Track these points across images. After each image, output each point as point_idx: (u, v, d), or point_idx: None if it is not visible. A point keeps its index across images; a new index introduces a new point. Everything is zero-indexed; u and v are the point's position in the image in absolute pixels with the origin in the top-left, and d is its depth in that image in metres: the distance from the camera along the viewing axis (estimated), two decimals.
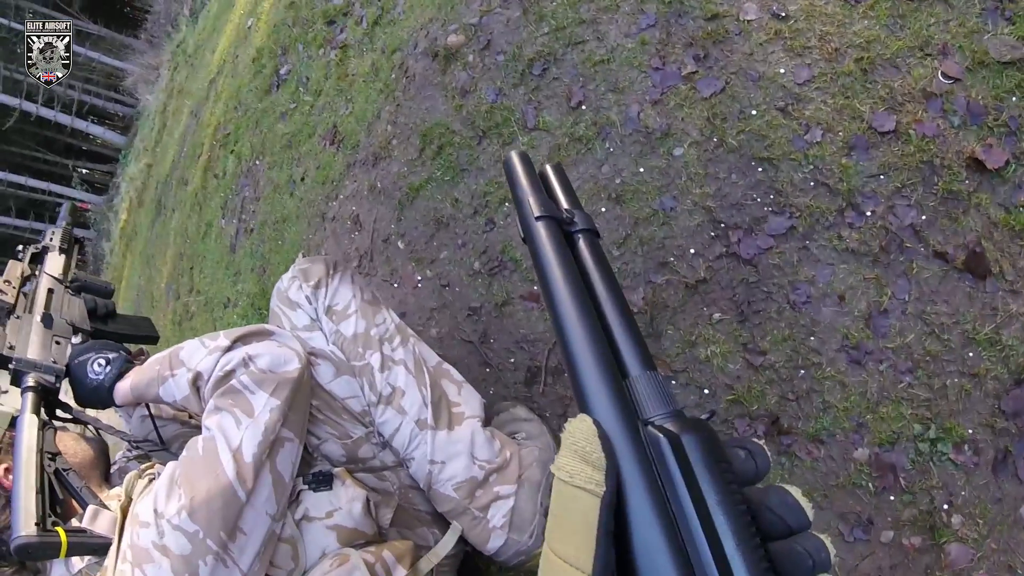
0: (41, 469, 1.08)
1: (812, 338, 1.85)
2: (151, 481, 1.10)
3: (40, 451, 1.10)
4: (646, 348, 0.53)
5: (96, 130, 17.54)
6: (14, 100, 16.14)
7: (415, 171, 2.55)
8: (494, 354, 2.15)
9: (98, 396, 1.26)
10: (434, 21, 2.95)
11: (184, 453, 1.06)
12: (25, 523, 0.95)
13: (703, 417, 0.46)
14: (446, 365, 1.52)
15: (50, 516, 1.01)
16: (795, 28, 2.08)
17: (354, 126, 3.13)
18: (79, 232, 18.15)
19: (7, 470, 1.13)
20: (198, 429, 1.17)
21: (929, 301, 1.79)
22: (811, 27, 2.07)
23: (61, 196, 17.68)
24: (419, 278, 2.37)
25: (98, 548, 1.01)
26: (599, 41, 2.37)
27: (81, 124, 17.06)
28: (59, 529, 0.97)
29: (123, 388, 1.22)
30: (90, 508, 1.09)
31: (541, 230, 0.63)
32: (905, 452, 1.74)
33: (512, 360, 2.12)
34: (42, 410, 1.22)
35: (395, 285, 2.43)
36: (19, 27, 16.28)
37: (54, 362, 1.29)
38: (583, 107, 2.30)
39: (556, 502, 0.41)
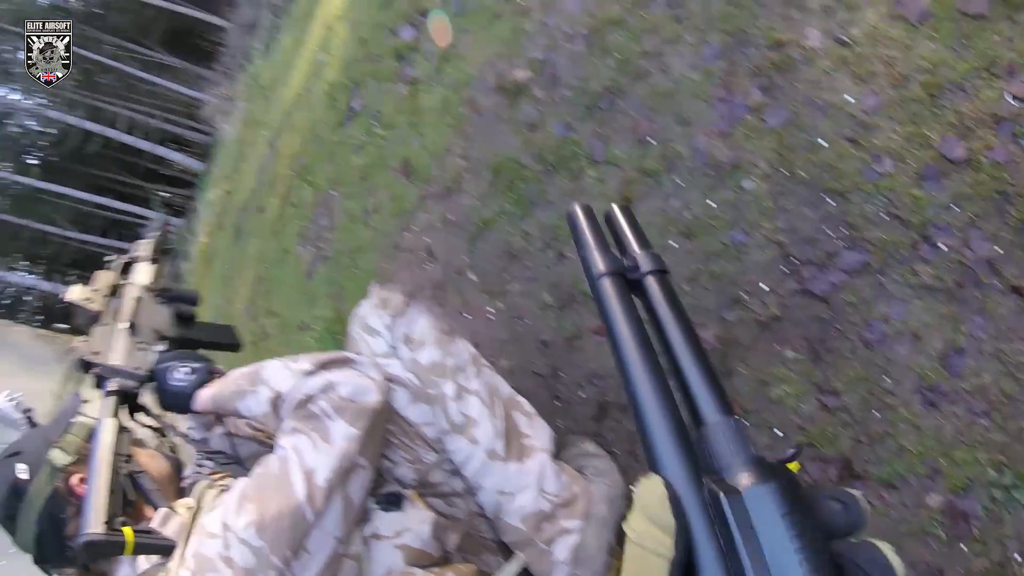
0: (115, 470, 1.13)
1: (887, 378, 1.80)
2: (221, 492, 1.14)
3: (116, 453, 1.16)
4: (722, 391, 0.53)
5: (175, 156, 18.62)
6: (97, 127, 17.32)
7: (486, 204, 2.64)
8: (564, 388, 2.20)
9: (179, 402, 1.30)
10: (500, 56, 3.06)
11: (257, 469, 1.09)
12: (95, 521, 0.99)
13: (789, 453, 0.48)
14: (518, 397, 1.55)
15: (119, 516, 1.06)
16: (859, 54, 2.05)
17: (426, 159, 3.26)
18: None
19: (82, 479, 1.17)
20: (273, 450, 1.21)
21: (1005, 339, 1.71)
22: (875, 52, 2.03)
23: (142, 217, 18.83)
24: (491, 310, 2.45)
25: (163, 549, 1.04)
26: (664, 73, 2.40)
27: (161, 151, 18.16)
28: (126, 529, 1.00)
29: (204, 396, 1.27)
30: (161, 511, 1.15)
31: (607, 286, 0.65)
32: (978, 499, 1.67)
33: (582, 394, 2.16)
34: (122, 414, 1.29)
35: (467, 317, 2.52)
36: (99, 59, 17.52)
37: (137, 368, 1.38)
38: (650, 140, 2.34)
39: (628, 561, 0.44)
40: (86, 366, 1.39)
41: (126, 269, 1.72)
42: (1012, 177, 1.79)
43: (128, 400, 1.34)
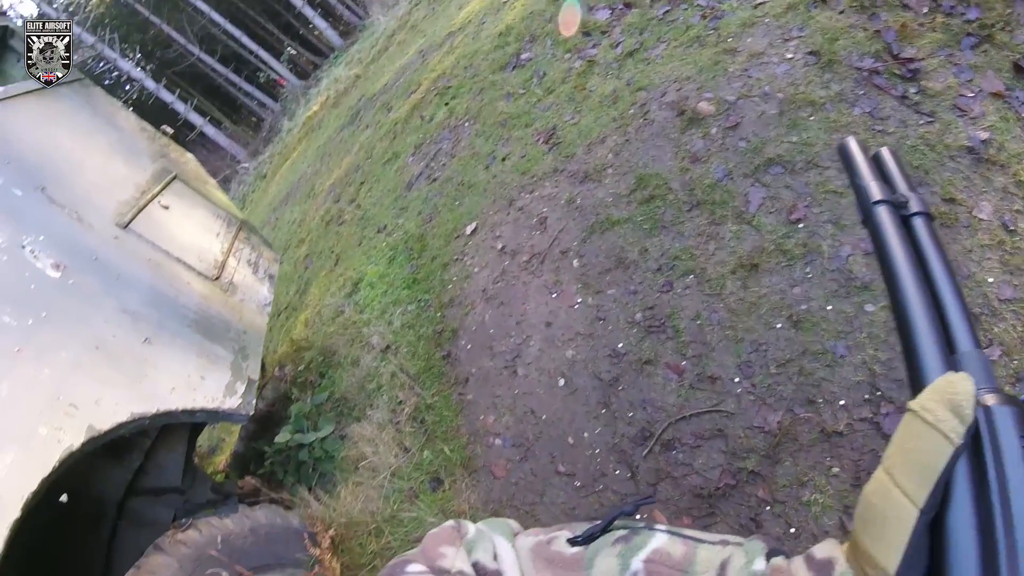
0: None
1: None
2: None
3: None
4: (973, 326, 0.57)
5: (320, 23, 18.94)
6: None
7: (618, 207, 2.66)
8: (617, 401, 2.22)
9: None
10: (690, 80, 3.06)
11: None
12: None
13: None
14: None
15: None
16: (1016, 246, 2.05)
17: (574, 137, 3.29)
18: (267, 101, 19.67)
19: None
20: None
21: None
22: None
23: (265, 63, 19.24)
24: (579, 300, 2.48)
25: None
26: (838, 173, 2.39)
27: (309, 12, 18.50)
28: None
29: None
30: None
31: (882, 214, 0.68)
32: None
33: (631, 415, 2.19)
34: None
35: (553, 295, 2.55)
36: None
37: None
38: (800, 225, 2.33)
39: (906, 435, 0.48)
40: None
41: None
42: None
43: None
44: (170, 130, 3.24)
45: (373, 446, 2.91)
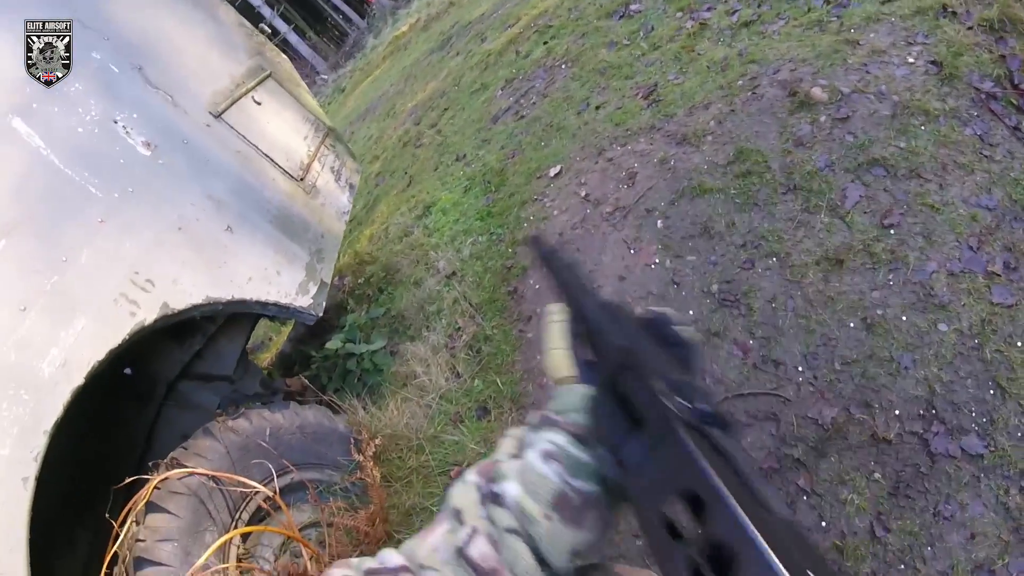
0: None
1: (929, 548, 1.86)
2: None
3: None
4: None
5: None
6: None
7: (713, 175, 2.62)
8: None
9: None
10: (806, 63, 2.95)
11: None
12: None
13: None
14: None
15: None
16: None
17: (676, 97, 3.22)
18: (354, 16, 19.49)
19: None
20: None
21: None
22: None
23: None
24: (656, 261, 2.49)
25: None
26: (940, 188, 2.33)
27: None
28: None
29: None
30: None
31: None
32: None
33: None
34: None
35: (631, 251, 2.56)
36: None
37: None
38: (892, 231, 2.29)
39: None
40: None
41: None
42: None
43: None
44: (268, 29, 3.27)
45: (424, 366, 3.00)
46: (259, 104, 2.70)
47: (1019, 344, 2.00)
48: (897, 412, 2.05)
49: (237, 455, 2.19)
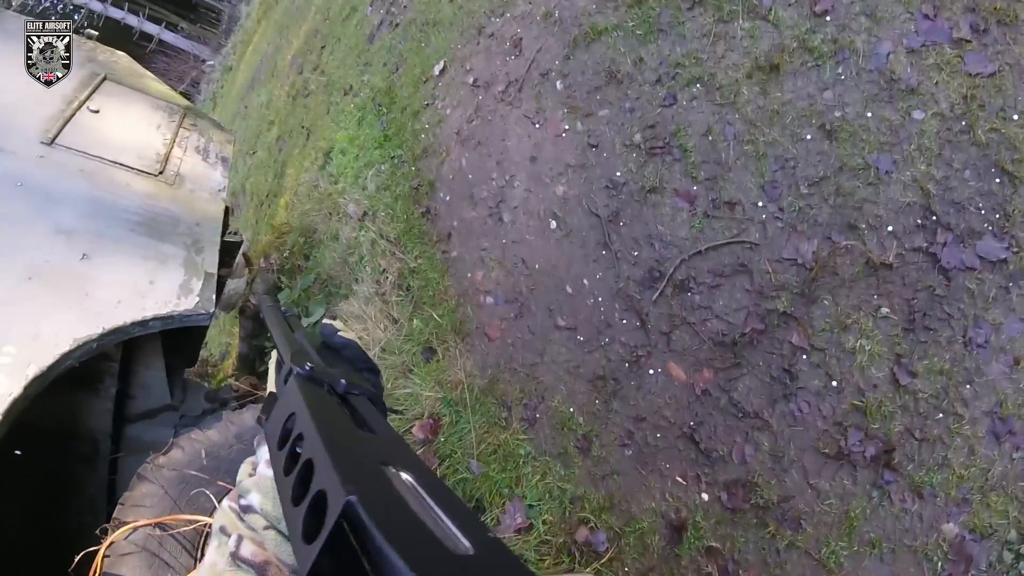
0: None
1: (968, 386, 1.56)
2: None
3: None
4: None
5: None
6: None
7: (604, 13, 2.20)
8: (619, 239, 1.90)
9: None
10: None
11: None
12: None
13: None
14: None
15: None
16: None
17: None
18: None
19: None
20: None
21: None
22: None
23: None
24: (566, 127, 2.10)
25: None
26: None
27: None
28: None
29: None
30: None
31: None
32: (989, 550, 1.48)
33: (636, 253, 1.88)
34: None
35: (536, 126, 2.17)
36: None
37: None
38: (827, 18, 1.90)
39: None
40: None
41: None
42: None
43: None
44: (95, 33, 3.00)
45: (362, 323, 2.67)
46: (96, 112, 2.49)
47: (1015, 117, 1.65)
48: (890, 228, 1.70)
49: (176, 491, 2.03)
